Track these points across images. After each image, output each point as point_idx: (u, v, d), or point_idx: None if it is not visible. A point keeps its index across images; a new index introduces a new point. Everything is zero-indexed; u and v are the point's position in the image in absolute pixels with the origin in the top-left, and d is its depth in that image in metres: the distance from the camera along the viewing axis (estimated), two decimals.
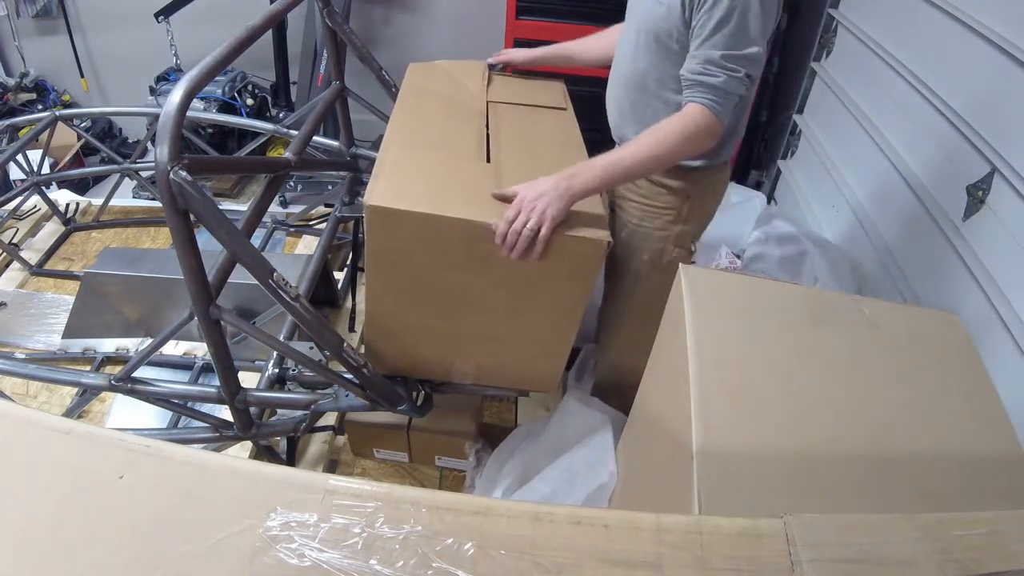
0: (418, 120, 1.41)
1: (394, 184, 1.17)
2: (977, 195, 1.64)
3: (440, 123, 1.41)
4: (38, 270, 2.36)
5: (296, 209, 2.78)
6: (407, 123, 1.39)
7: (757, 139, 3.11)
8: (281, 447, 1.69)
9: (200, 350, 1.96)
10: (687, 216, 1.44)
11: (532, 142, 1.39)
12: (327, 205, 2.66)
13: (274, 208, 2.65)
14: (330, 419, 1.80)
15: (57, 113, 2.35)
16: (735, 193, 2.65)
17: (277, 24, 2.48)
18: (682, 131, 1.18)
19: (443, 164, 1.26)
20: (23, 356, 1.96)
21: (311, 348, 1.42)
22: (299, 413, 1.48)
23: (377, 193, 1.13)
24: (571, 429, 1.53)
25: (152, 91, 3.00)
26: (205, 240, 1.07)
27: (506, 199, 1.16)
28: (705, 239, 1.67)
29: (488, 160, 1.31)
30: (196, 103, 2.16)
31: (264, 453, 1.63)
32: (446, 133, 1.38)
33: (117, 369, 1.51)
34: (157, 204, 2.62)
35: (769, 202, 2.92)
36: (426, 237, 1.15)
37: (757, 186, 3.05)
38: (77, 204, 2.70)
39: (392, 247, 1.18)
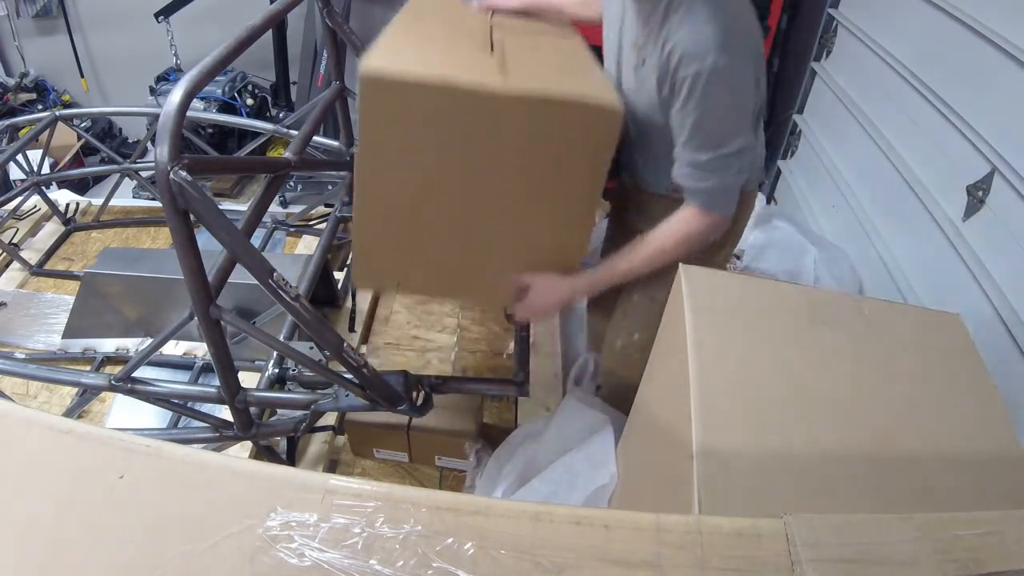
0: (418, 24, 1.30)
1: (393, 54, 1.05)
2: (977, 195, 1.64)
3: (441, 28, 1.31)
4: (38, 270, 2.36)
5: (296, 209, 2.78)
6: (405, 25, 1.27)
7: None
8: (281, 447, 1.69)
9: (200, 350, 1.96)
10: (724, 241, 1.41)
11: (536, 44, 1.31)
12: (327, 205, 2.66)
13: (274, 208, 2.66)
14: (330, 419, 1.80)
15: (57, 113, 2.35)
16: None
17: (277, 24, 2.48)
18: (684, 239, 1.16)
19: (444, 49, 1.16)
20: (23, 356, 1.96)
21: (311, 348, 1.42)
22: (299, 413, 1.48)
23: (375, 62, 0.99)
24: (572, 429, 1.53)
25: (152, 91, 3.01)
26: (205, 240, 1.07)
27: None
28: None
29: (492, 52, 1.20)
30: (196, 103, 2.16)
31: (264, 453, 1.63)
32: (448, 33, 1.28)
33: (117, 369, 1.51)
34: (157, 204, 2.62)
35: (769, 202, 2.92)
36: (429, 112, 1.03)
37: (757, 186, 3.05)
38: (77, 204, 2.70)
39: (390, 128, 1.06)
